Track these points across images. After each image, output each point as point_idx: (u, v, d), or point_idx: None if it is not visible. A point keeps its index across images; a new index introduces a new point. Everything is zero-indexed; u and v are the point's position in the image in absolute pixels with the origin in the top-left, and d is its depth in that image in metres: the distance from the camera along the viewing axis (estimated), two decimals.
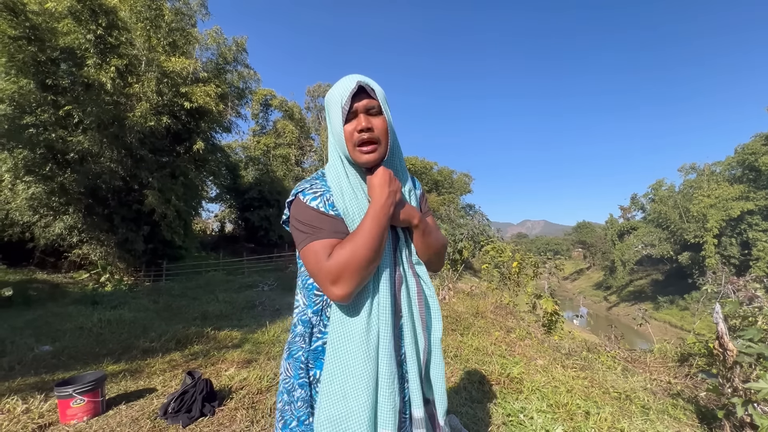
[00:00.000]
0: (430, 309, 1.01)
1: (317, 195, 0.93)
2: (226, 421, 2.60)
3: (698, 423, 2.75)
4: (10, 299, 9.11)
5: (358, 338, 0.86)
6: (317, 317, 0.94)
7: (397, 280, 0.95)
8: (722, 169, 33.44)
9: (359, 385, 0.84)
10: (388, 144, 0.94)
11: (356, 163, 0.93)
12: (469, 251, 10.93)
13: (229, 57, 16.30)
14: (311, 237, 0.88)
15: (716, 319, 2.64)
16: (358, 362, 0.85)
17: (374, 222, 0.86)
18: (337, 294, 0.82)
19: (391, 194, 0.90)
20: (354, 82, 0.90)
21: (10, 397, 2.92)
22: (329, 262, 0.82)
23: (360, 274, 0.82)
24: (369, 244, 0.83)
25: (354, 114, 0.90)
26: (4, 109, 10.39)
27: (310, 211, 0.91)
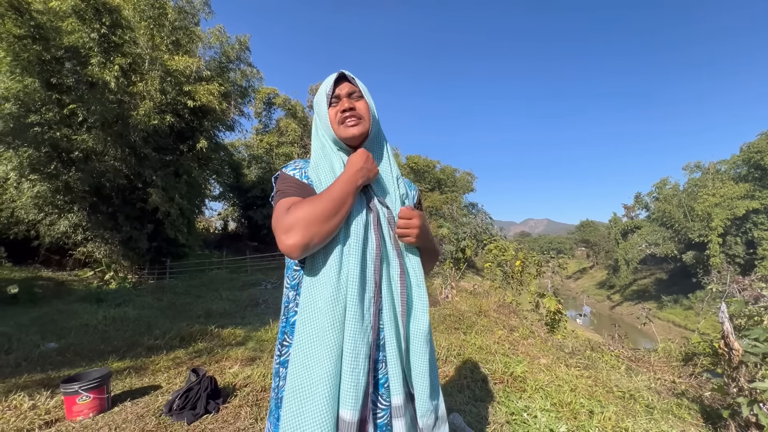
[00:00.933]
0: (413, 297, 0.99)
1: (297, 168, 1.03)
2: (231, 418, 2.62)
3: (703, 423, 2.74)
4: (15, 297, 9.20)
5: (323, 305, 0.86)
6: (293, 292, 0.97)
7: (376, 257, 0.94)
8: (727, 168, 33.17)
9: (322, 354, 0.84)
10: (370, 122, 1.00)
11: (342, 138, 0.99)
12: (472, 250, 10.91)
13: (232, 55, 16.31)
14: (279, 197, 0.94)
15: (722, 319, 2.63)
16: (322, 330, 0.85)
17: (338, 186, 0.89)
18: (286, 244, 0.83)
19: (363, 169, 0.94)
20: (337, 72, 1.00)
21: (17, 393, 2.95)
22: (286, 214, 0.86)
23: (311, 228, 0.83)
24: (326, 201, 0.86)
25: (337, 98, 0.99)
26: (10, 107, 10.46)
27: (287, 179, 1.00)
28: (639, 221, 40.36)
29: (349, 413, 0.84)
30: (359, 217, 0.94)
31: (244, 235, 26.13)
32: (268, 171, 24.64)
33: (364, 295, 0.90)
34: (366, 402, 0.88)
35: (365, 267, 0.92)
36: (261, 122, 28.87)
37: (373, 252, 0.94)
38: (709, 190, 30.84)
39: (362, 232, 0.93)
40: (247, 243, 24.18)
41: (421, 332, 0.97)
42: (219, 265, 16.42)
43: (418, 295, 0.99)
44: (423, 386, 0.96)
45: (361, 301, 0.89)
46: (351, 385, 0.85)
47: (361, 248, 0.92)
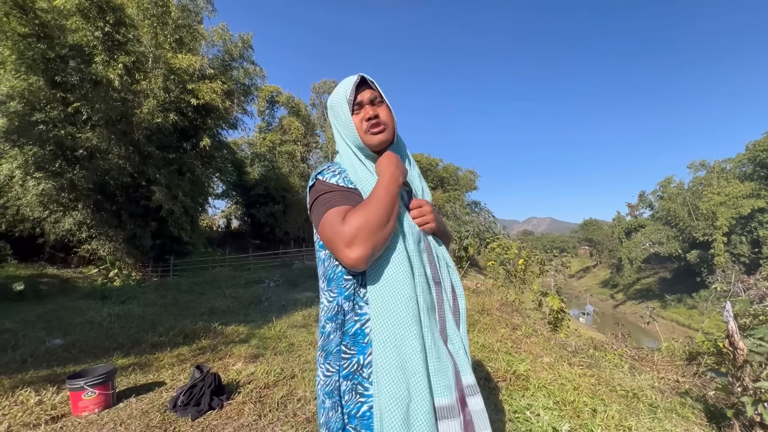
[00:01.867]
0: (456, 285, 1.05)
1: (336, 173, 0.99)
2: (234, 414, 2.63)
3: (707, 422, 2.73)
4: (21, 293, 9.28)
5: (402, 308, 0.86)
6: (350, 302, 0.92)
7: (427, 252, 0.99)
8: (733, 166, 32.93)
9: (414, 356, 0.84)
10: (394, 129, 1.02)
11: (368, 146, 1.00)
12: (474, 248, 10.89)
13: (235, 53, 16.34)
14: (327, 207, 0.90)
15: (726, 317, 2.61)
16: (407, 332, 0.85)
17: (383, 188, 0.89)
18: (352, 257, 0.81)
19: (398, 168, 0.95)
20: (356, 76, 0.99)
21: (24, 389, 2.98)
22: (343, 225, 0.83)
23: (374, 237, 0.82)
24: (380, 206, 0.85)
25: (359, 105, 0.99)
26: (15, 106, 10.53)
27: (330, 187, 0.95)
28: (643, 220, 40.14)
29: (446, 400, 0.87)
30: (406, 215, 0.97)
31: (247, 233, 26.20)
32: (271, 169, 24.68)
33: (429, 289, 0.94)
34: (457, 382, 0.92)
35: (425, 262, 0.97)
36: (264, 120, 28.91)
37: (424, 246, 0.99)
38: (714, 189, 30.63)
39: (414, 228, 0.97)
40: (249, 241, 24.24)
41: (462, 312, 1.04)
42: (222, 263, 16.48)
43: (456, 281, 1.06)
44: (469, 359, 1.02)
45: (429, 296, 0.93)
46: (441, 375, 0.87)
47: (416, 244, 0.95)
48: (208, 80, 14.05)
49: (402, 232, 0.94)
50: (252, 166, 25.09)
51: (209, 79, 14.15)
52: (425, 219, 1.01)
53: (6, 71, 10.49)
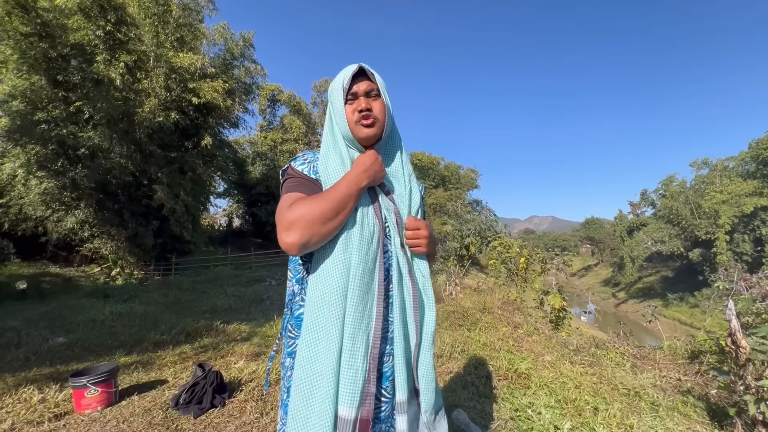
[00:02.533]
0: (424, 297, 1.00)
1: (306, 162, 1.01)
2: (236, 412, 2.64)
3: (709, 420, 2.72)
4: (24, 292, 9.32)
5: (328, 300, 0.87)
6: (299, 286, 0.98)
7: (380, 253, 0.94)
8: (735, 165, 32.74)
9: (325, 349, 0.85)
10: (385, 124, 0.99)
11: (356, 138, 0.98)
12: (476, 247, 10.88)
13: (236, 52, 16.33)
14: (284, 192, 0.94)
15: (729, 316, 2.60)
16: (326, 325, 0.86)
17: (342, 186, 0.89)
18: (286, 241, 0.84)
19: (369, 170, 0.93)
20: (355, 65, 0.97)
21: (27, 386, 2.99)
22: (288, 210, 0.85)
23: (311, 228, 0.83)
24: (328, 201, 0.86)
25: (354, 96, 0.97)
26: (17, 105, 10.56)
27: (295, 173, 0.99)
28: (645, 218, 40.00)
29: (346, 410, 0.84)
30: (366, 215, 0.94)
31: (249, 231, 26.25)
32: (273, 168, 24.70)
33: (368, 291, 0.90)
34: (365, 400, 0.87)
35: (370, 263, 0.91)
36: (265, 119, 28.89)
37: (377, 248, 0.94)
38: (717, 187, 30.48)
39: (369, 228, 0.93)
40: (251, 240, 24.29)
41: (429, 327, 0.98)
42: (224, 262, 16.52)
43: (425, 291, 1.01)
44: (429, 382, 0.97)
45: (364, 297, 0.89)
46: (348, 381, 0.85)
47: (366, 244, 0.91)
48: (210, 79, 14.05)
49: (352, 229, 0.91)
50: (253, 165, 25.12)
51: (210, 78, 14.16)
52: (418, 242, 0.99)
53: (8, 70, 10.52)
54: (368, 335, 0.89)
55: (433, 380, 0.98)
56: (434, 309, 1.01)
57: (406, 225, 1.00)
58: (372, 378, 0.88)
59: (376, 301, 0.91)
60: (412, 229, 0.99)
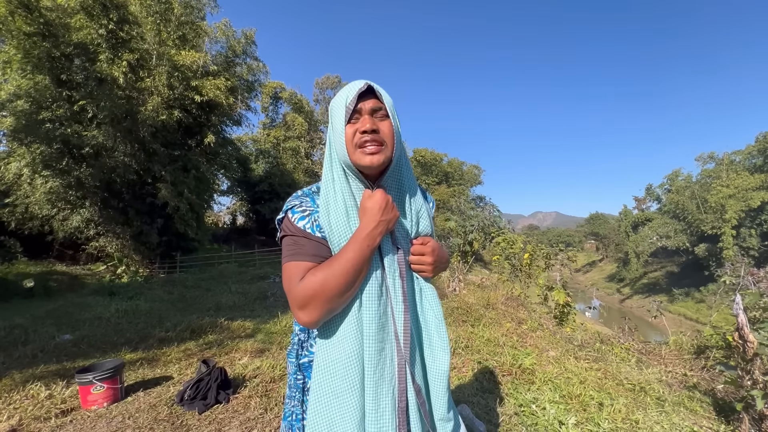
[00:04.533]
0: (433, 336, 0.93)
1: (305, 215, 0.88)
2: (241, 408, 2.65)
3: (715, 416, 2.70)
4: (31, 290, 9.43)
5: (340, 367, 0.81)
6: (304, 334, 0.92)
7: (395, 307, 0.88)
8: (742, 158, 32.37)
9: (343, 419, 0.79)
10: (394, 149, 0.85)
11: (357, 166, 0.84)
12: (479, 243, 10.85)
13: (238, 50, 16.29)
14: (289, 258, 0.84)
15: (736, 311, 2.57)
16: (341, 393, 0.80)
17: (354, 251, 0.79)
18: (303, 320, 0.79)
19: (381, 223, 0.82)
20: (362, 82, 0.84)
21: (34, 383, 3.03)
22: (299, 286, 0.78)
23: (329, 304, 0.78)
24: (343, 274, 0.77)
25: (358, 114, 0.83)
26: (21, 105, 10.63)
27: (296, 230, 0.86)
28: (650, 213, 39.70)
29: None
30: (374, 267, 0.86)
31: (252, 229, 26.34)
32: (276, 165, 24.74)
33: (383, 351, 0.84)
34: None
35: (382, 316, 0.86)
36: (268, 117, 28.96)
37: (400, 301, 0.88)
38: (723, 182, 30.15)
39: (378, 283, 0.86)
40: (255, 237, 24.37)
41: (442, 373, 0.92)
42: (228, 259, 16.59)
43: (438, 334, 0.93)
44: (443, 426, 0.92)
45: (380, 357, 0.83)
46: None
47: (377, 301, 0.85)
48: (212, 77, 14.04)
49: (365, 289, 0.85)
50: (256, 163, 25.16)
51: (213, 76, 14.14)
52: (423, 269, 0.93)
53: (12, 70, 10.58)
54: (393, 389, 0.84)
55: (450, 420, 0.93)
56: (449, 352, 0.93)
57: (412, 250, 0.94)
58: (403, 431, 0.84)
59: (398, 352, 0.85)
60: (417, 254, 0.93)
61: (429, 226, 0.99)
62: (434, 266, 0.94)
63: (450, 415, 0.94)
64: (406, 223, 0.95)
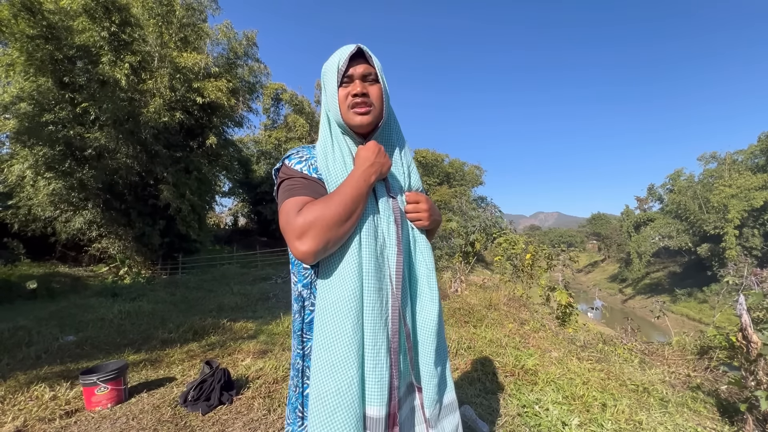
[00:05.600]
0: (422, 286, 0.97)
1: (302, 159, 0.94)
2: (244, 409, 2.66)
3: (719, 416, 2.69)
4: (34, 292, 9.46)
5: (343, 305, 0.83)
6: (308, 290, 0.92)
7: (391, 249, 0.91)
8: (744, 158, 32.31)
9: (347, 357, 0.82)
10: (383, 110, 0.93)
11: (349, 125, 0.92)
12: (481, 243, 10.84)
13: (239, 51, 16.35)
14: (287, 196, 0.87)
15: (740, 311, 2.57)
16: (344, 332, 0.82)
17: (350, 185, 0.84)
18: (301, 250, 0.79)
19: (375, 164, 0.88)
20: (353, 46, 0.90)
21: (38, 384, 3.04)
22: (297, 217, 0.80)
23: (327, 233, 0.79)
24: (341, 204, 0.81)
25: (350, 79, 0.90)
26: (24, 107, 10.68)
27: (293, 173, 0.92)
28: (652, 213, 39.60)
29: (376, 410, 0.83)
30: (371, 211, 0.91)
31: (254, 230, 26.40)
32: None
33: (381, 288, 0.87)
34: (392, 396, 0.87)
35: (379, 257, 0.89)
36: (269, 118, 28.96)
37: (393, 245, 0.91)
38: (726, 181, 30.06)
39: (374, 225, 0.90)
40: (257, 238, 24.42)
41: (429, 322, 0.95)
42: (230, 260, 16.63)
43: (428, 284, 0.97)
44: (429, 378, 0.94)
45: (379, 294, 0.87)
46: (375, 381, 0.83)
47: (373, 242, 0.89)
48: (214, 78, 14.10)
49: (361, 229, 0.88)
50: (258, 164, 25.22)
51: (214, 78, 14.20)
52: (419, 216, 0.97)
53: (15, 73, 10.64)
54: (387, 329, 0.87)
55: (435, 377, 0.95)
56: (438, 303, 0.96)
57: (407, 199, 0.98)
58: (395, 372, 0.88)
59: (391, 293, 0.89)
60: (412, 202, 0.98)
61: (419, 182, 1.06)
62: (430, 213, 0.99)
63: (437, 371, 0.96)
64: (399, 175, 1.01)
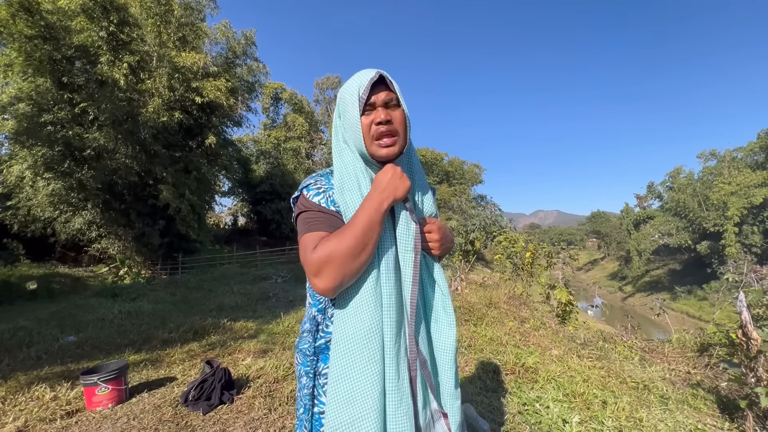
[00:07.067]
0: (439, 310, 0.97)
1: (320, 191, 0.92)
2: (245, 408, 2.66)
3: (719, 413, 2.70)
4: (34, 292, 9.46)
5: (361, 338, 0.82)
6: (321, 315, 0.93)
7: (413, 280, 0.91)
8: (744, 155, 32.28)
9: (365, 389, 0.80)
10: (407, 137, 0.90)
11: (373, 157, 0.88)
12: (481, 242, 10.84)
13: (238, 51, 16.30)
14: (305, 230, 0.86)
15: (740, 308, 2.57)
16: (362, 364, 0.82)
17: (362, 215, 0.82)
18: (319, 287, 0.80)
19: (388, 189, 0.84)
20: (374, 71, 0.86)
21: (39, 385, 3.04)
22: (313, 254, 0.79)
23: (341, 269, 0.78)
24: (353, 237, 0.79)
25: (372, 106, 0.86)
26: (23, 107, 10.66)
27: (311, 206, 0.90)
28: (652, 211, 39.60)
29: None
30: (389, 238, 0.90)
31: (254, 230, 26.38)
32: (276, 166, 24.74)
33: (400, 322, 0.87)
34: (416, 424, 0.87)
35: (398, 288, 0.89)
36: (269, 117, 28.98)
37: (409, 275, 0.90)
38: (725, 179, 30.05)
39: (393, 254, 0.89)
40: (256, 238, 24.43)
41: (448, 347, 0.94)
42: (230, 260, 16.63)
43: (444, 309, 0.96)
44: (453, 401, 0.94)
45: (398, 329, 0.86)
46: (402, 413, 0.83)
47: (393, 273, 0.88)
48: (212, 78, 14.05)
49: (380, 259, 0.87)
50: (257, 164, 25.19)
51: (213, 77, 14.16)
52: (430, 246, 0.96)
53: (14, 73, 10.62)
54: (407, 360, 0.87)
55: (457, 399, 0.95)
56: (454, 327, 0.95)
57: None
58: (416, 401, 0.88)
59: (407, 322, 0.88)
60: (424, 232, 0.96)
61: (434, 207, 1.04)
62: (441, 243, 0.97)
63: (457, 393, 0.96)
64: (417, 201, 0.99)
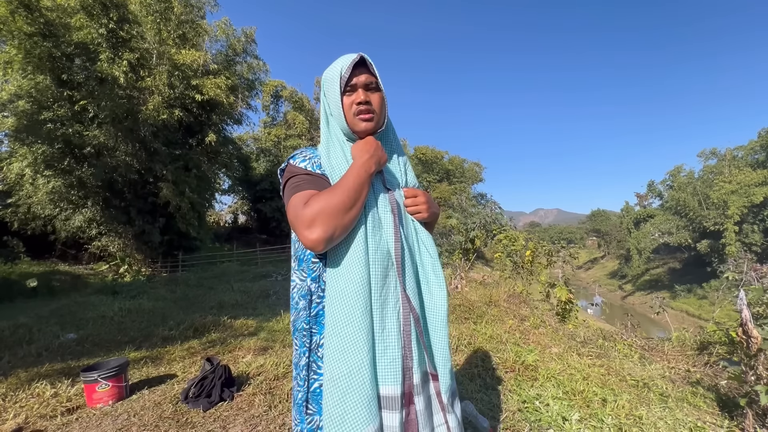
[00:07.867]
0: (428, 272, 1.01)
1: (307, 158, 1.00)
2: (245, 405, 2.66)
3: (719, 411, 2.70)
4: (35, 290, 9.47)
5: (353, 292, 0.87)
6: (315, 284, 0.95)
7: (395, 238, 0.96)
8: (744, 154, 32.26)
9: (356, 340, 0.85)
10: (384, 117, 1.01)
11: (354, 131, 0.98)
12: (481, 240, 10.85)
13: (238, 48, 16.27)
14: (293, 191, 0.92)
15: (740, 306, 2.57)
16: (353, 316, 0.86)
17: (352, 175, 0.89)
18: (311, 238, 0.82)
19: (374, 156, 0.93)
20: (355, 54, 0.94)
21: (40, 382, 3.04)
22: (305, 209, 0.84)
23: (333, 220, 0.83)
24: (344, 193, 0.85)
25: (353, 88, 0.95)
26: (23, 105, 10.65)
27: (299, 171, 0.97)
28: (652, 210, 39.61)
29: (390, 389, 0.87)
30: (372, 203, 0.96)
31: (254, 228, 26.40)
32: (277, 164, 24.71)
33: (387, 277, 0.92)
34: (407, 375, 0.91)
35: (383, 246, 0.94)
36: (269, 115, 28.87)
37: (390, 233, 0.96)
38: (726, 177, 30.03)
39: (378, 216, 0.96)
40: (256, 236, 24.43)
41: (439, 307, 0.99)
42: (230, 258, 16.64)
43: (434, 271, 1.01)
44: (445, 362, 0.98)
45: (385, 283, 0.91)
46: (387, 362, 0.88)
47: (378, 231, 0.94)
48: (212, 76, 14.03)
49: (365, 220, 0.93)
50: (258, 161, 25.17)
51: (213, 75, 14.14)
52: (418, 208, 1.03)
53: (13, 70, 10.59)
54: (398, 314, 0.92)
55: (449, 361, 0.99)
56: (445, 288, 1.00)
57: (405, 194, 1.04)
58: (409, 354, 0.92)
59: (397, 280, 0.94)
60: (410, 196, 1.04)
61: (415, 179, 1.13)
62: (428, 205, 1.05)
63: (449, 357, 1.01)
64: (396, 172, 1.09)
